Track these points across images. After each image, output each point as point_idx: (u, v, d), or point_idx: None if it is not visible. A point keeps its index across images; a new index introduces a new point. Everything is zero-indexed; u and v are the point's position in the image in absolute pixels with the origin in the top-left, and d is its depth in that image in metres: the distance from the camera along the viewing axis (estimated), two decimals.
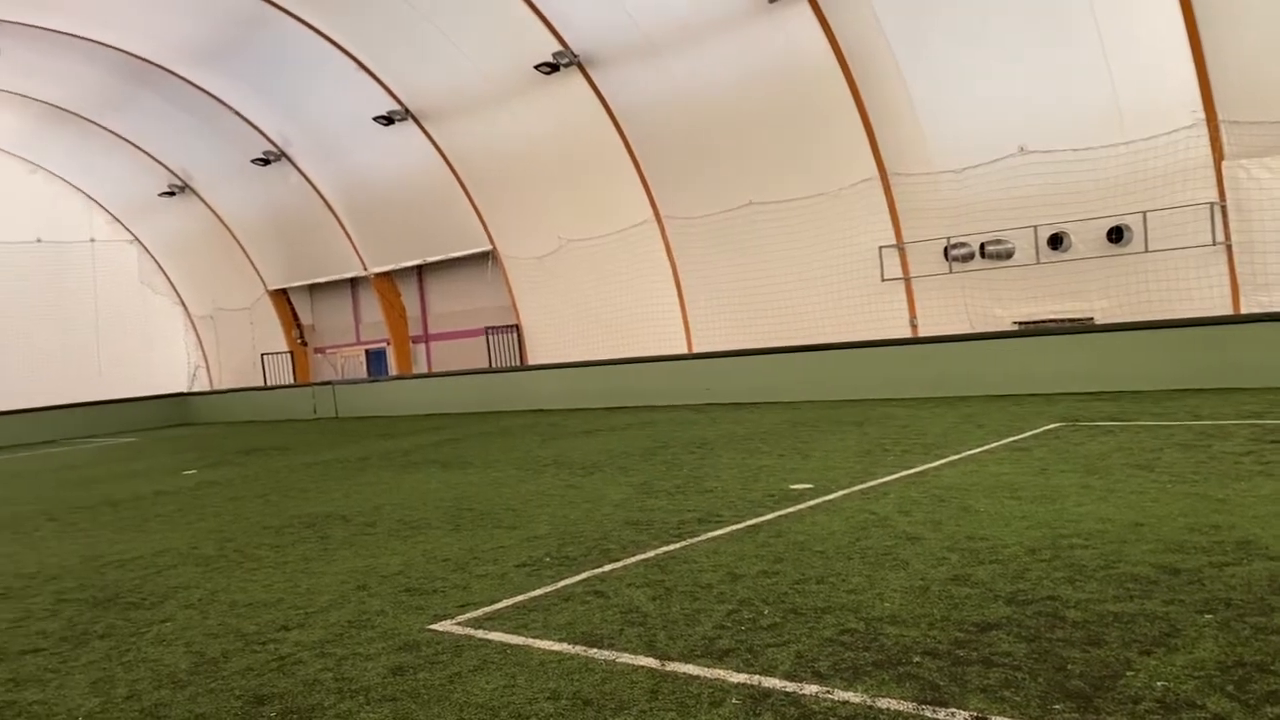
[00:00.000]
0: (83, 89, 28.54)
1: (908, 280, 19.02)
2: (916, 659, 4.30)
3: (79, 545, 9.62)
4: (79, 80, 27.98)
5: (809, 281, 20.03)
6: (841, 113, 18.70)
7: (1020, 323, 17.75)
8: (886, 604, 5.11)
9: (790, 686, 4.11)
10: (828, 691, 4.02)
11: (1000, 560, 5.76)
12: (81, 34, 25.33)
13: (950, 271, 18.38)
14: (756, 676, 4.26)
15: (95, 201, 34.40)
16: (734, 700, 4.03)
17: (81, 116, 30.25)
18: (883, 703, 3.86)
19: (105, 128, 30.63)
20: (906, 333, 18.89)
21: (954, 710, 3.73)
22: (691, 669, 4.43)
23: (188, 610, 6.47)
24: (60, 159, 32.80)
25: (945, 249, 18.31)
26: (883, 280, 19.09)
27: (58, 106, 29.80)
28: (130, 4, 24.00)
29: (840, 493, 8.38)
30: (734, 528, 7.36)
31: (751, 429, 14.05)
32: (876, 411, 14.89)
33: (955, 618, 4.80)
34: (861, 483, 8.77)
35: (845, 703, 3.89)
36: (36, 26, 24.68)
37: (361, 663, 4.98)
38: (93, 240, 34.56)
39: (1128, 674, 3.94)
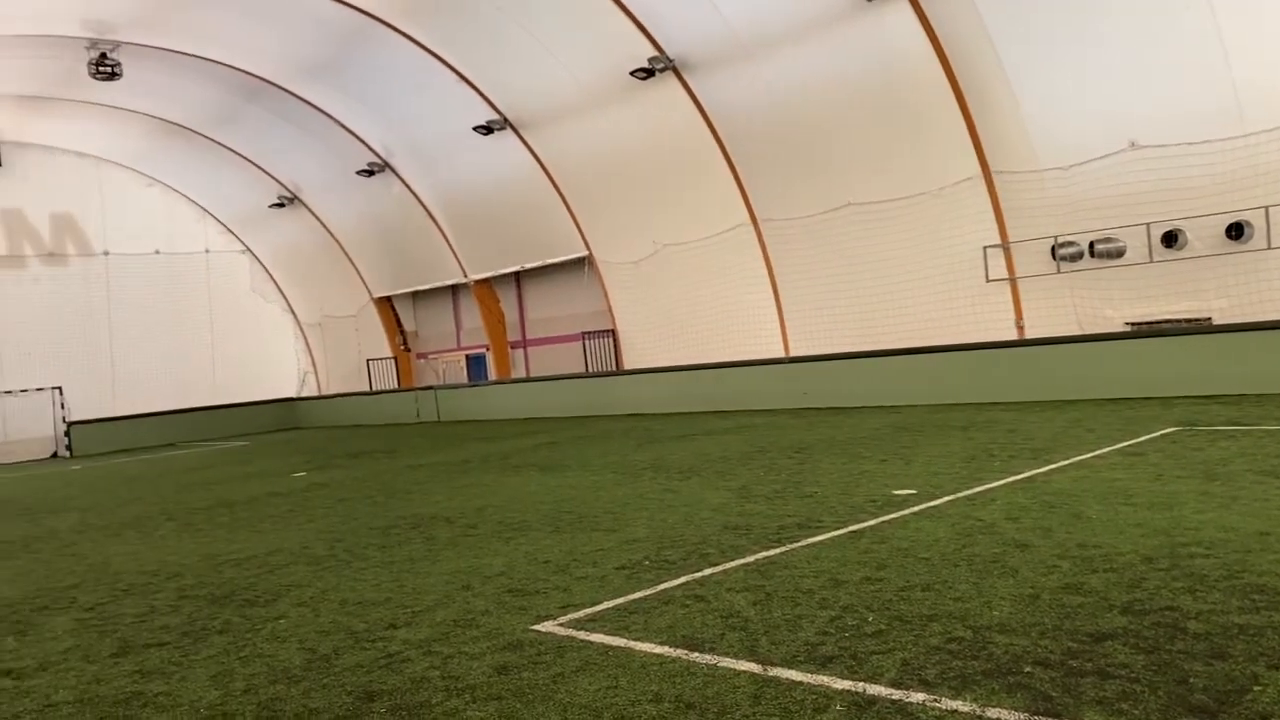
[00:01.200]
0: (197, 106, 29.77)
1: (1013, 281, 18.53)
2: (1027, 668, 4.18)
3: (197, 544, 10.01)
4: (194, 98, 29.19)
5: (910, 283, 19.67)
6: (942, 111, 18.33)
7: (1133, 324, 17.14)
8: (995, 612, 4.99)
9: (896, 694, 4.04)
10: (935, 700, 3.94)
11: (1115, 569, 5.56)
12: (197, 53, 26.40)
13: (1058, 271, 17.85)
14: (861, 684, 4.20)
15: (209, 213, 35.87)
16: (838, 707, 3.97)
17: (196, 132, 31.54)
18: (992, 712, 3.76)
19: (218, 142, 31.87)
20: (1012, 335, 18.41)
21: None
22: (794, 675, 4.39)
23: (300, 608, 6.67)
24: (176, 173, 34.27)
25: (1052, 248, 17.79)
26: (987, 281, 18.64)
27: (173, 123, 31.11)
28: (242, 24, 24.92)
29: (945, 499, 8.21)
30: (835, 533, 7.27)
31: (851, 433, 13.86)
32: (982, 415, 14.55)
33: (1068, 627, 4.65)
34: (967, 488, 8.58)
35: (954, 712, 3.81)
36: (154, 47, 25.80)
37: (467, 661, 5.06)
38: (207, 251, 36.02)
39: (1255, 689, 3.77)
